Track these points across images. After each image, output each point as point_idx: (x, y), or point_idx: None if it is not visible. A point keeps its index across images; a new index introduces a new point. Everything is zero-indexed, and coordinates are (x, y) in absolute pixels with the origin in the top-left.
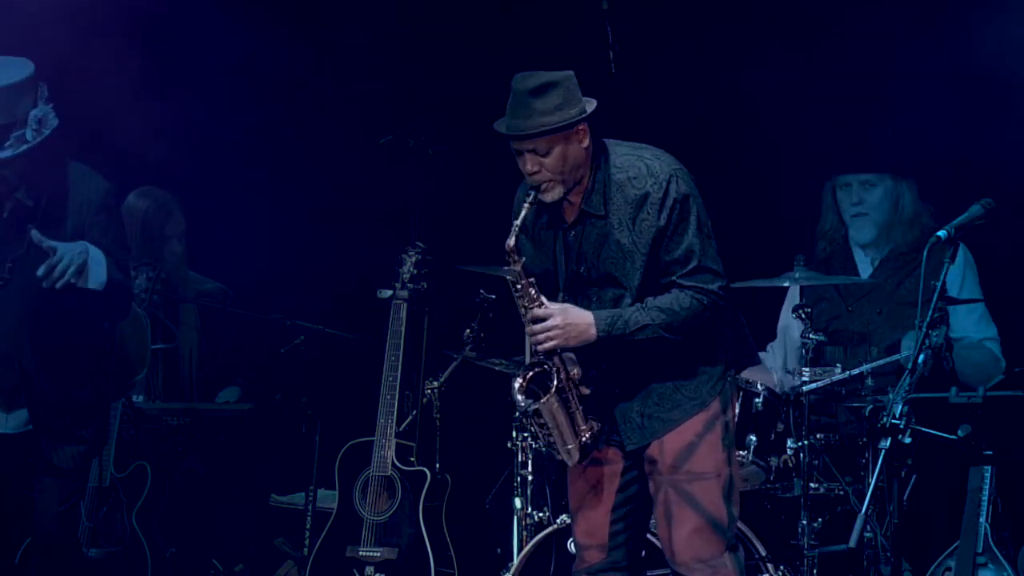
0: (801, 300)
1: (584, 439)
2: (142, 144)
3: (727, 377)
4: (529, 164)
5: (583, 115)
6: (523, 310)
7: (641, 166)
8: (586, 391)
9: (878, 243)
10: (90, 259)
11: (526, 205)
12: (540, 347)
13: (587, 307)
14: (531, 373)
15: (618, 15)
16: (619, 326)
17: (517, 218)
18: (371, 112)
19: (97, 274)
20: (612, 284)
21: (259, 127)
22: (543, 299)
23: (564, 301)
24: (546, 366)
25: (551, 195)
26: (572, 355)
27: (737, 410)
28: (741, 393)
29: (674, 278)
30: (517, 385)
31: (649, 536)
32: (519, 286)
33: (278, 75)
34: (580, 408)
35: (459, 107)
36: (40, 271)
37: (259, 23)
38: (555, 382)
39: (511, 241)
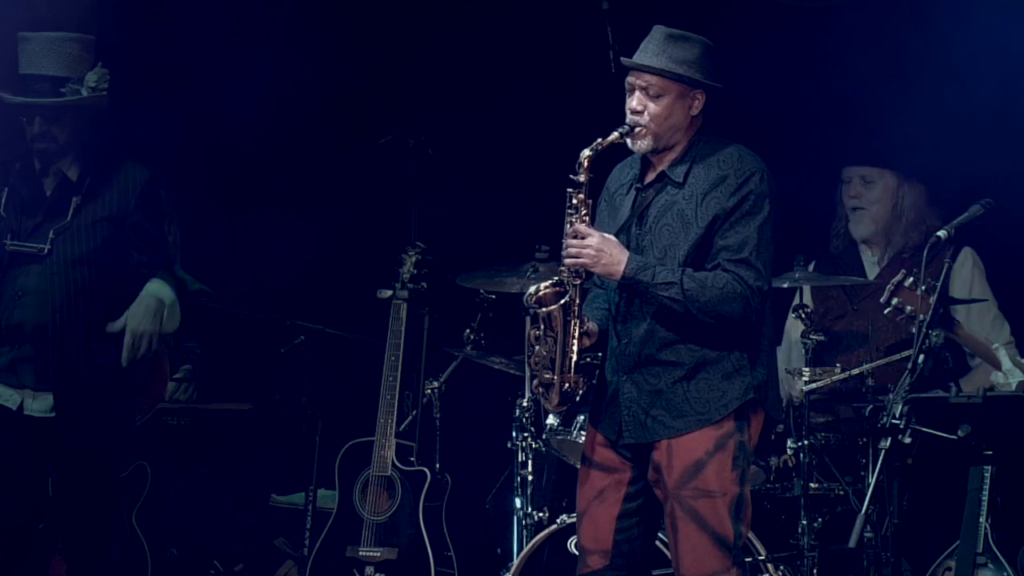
0: (801, 300)
1: (567, 385)
2: (140, 144)
3: (745, 401)
4: (636, 101)
5: (707, 83)
6: (568, 225)
7: (735, 154)
8: (588, 342)
9: (878, 241)
10: (166, 308)
11: (615, 133)
12: (568, 260)
13: None
14: (553, 288)
15: (618, 15)
16: (647, 274)
17: (604, 139)
18: (371, 112)
19: (173, 319)
20: (658, 253)
21: (258, 127)
22: (590, 222)
23: None
24: (567, 288)
25: (639, 143)
26: (595, 320)
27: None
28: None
29: (720, 260)
30: (535, 287)
31: (657, 544)
32: (575, 200)
33: (277, 74)
34: (575, 354)
35: (459, 107)
36: (123, 360)
37: (258, 22)
38: (566, 299)
39: (586, 153)
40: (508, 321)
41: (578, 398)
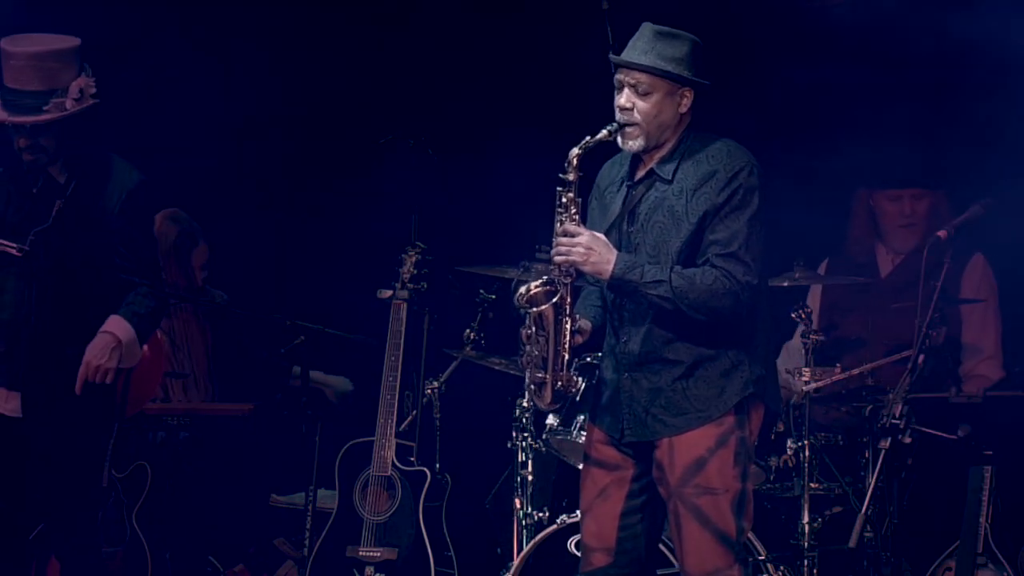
0: (804, 301)
1: (560, 383)
2: (139, 142)
3: (744, 397)
4: (624, 98)
5: (696, 80)
6: (558, 224)
7: (723, 149)
8: (580, 340)
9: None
10: (124, 346)
11: (604, 131)
12: (557, 258)
13: None
14: (543, 287)
15: (618, 15)
16: (635, 272)
17: (593, 137)
18: (371, 112)
19: (133, 353)
20: (651, 251)
21: (258, 127)
22: (579, 220)
23: None
24: (557, 287)
25: (630, 142)
26: (588, 318)
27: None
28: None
29: (709, 255)
30: (525, 287)
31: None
32: (564, 199)
33: (277, 74)
34: (568, 352)
35: (459, 107)
36: (76, 388)
37: (258, 23)
38: (557, 298)
39: (575, 152)
40: (508, 321)
41: (573, 396)
